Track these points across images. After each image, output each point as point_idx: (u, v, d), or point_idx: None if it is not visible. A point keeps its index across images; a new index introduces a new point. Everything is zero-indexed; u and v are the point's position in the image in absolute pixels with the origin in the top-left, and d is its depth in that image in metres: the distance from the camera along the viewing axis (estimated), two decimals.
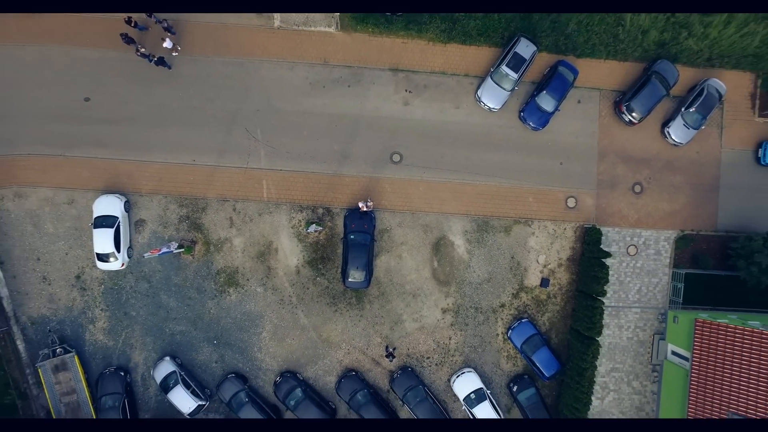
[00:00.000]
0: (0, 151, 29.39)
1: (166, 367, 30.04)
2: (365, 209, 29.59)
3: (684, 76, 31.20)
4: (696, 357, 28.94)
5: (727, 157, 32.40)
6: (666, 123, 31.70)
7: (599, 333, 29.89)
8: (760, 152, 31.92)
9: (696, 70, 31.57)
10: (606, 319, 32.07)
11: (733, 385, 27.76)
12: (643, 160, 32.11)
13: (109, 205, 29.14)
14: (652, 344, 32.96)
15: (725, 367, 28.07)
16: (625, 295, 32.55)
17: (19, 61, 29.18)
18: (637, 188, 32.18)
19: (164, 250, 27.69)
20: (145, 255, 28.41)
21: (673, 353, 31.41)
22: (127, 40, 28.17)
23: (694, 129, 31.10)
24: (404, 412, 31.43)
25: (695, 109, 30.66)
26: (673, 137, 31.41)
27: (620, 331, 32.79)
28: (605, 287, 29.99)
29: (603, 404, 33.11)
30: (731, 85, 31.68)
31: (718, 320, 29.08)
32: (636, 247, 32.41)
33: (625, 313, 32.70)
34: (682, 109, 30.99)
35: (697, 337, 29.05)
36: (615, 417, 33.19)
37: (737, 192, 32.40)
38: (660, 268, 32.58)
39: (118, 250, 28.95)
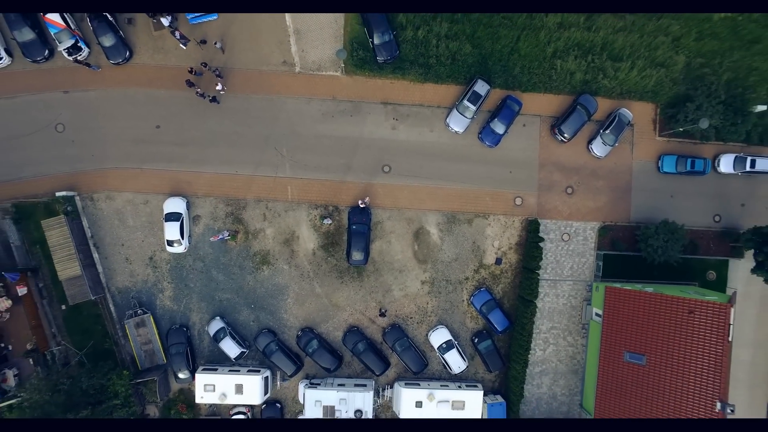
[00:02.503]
0: (96, 166, 39.88)
1: (216, 324, 40.51)
2: (363, 206, 40.09)
3: (602, 106, 41.40)
4: (606, 313, 39.25)
5: (636, 167, 42.68)
6: (590, 141, 41.93)
7: (536, 297, 40.35)
8: (660, 163, 42.28)
9: (611, 101, 41.76)
10: (546, 290, 42.66)
11: (629, 332, 38.08)
12: (573, 169, 42.42)
13: (175, 204, 39.58)
14: (582, 308, 43.22)
15: (625, 320, 38.33)
16: (561, 271, 42.91)
17: (109, 100, 39.59)
18: (569, 190, 42.53)
19: (221, 236, 38.45)
20: (211, 239, 39.12)
21: (596, 314, 41.61)
22: (189, 84, 38.67)
23: (610, 146, 41.39)
24: (393, 358, 41.91)
25: (610, 131, 40.95)
26: (595, 152, 41.75)
27: (557, 298, 43.14)
28: (540, 263, 40.53)
29: (545, 354, 43.47)
30: (638, 112, 42.02)
31: (625, 287, 39.45)
32: (569, 234, 42.80)
33: (561, 284, 43.07)
34: (601, 131, 41.27)
35: (606, 299, 39.34)
36: (554, 363, 43.51)
37: (644, 193, 42.66)
38: (587, 251, 42.91)
39: (182, 237, 39.37)
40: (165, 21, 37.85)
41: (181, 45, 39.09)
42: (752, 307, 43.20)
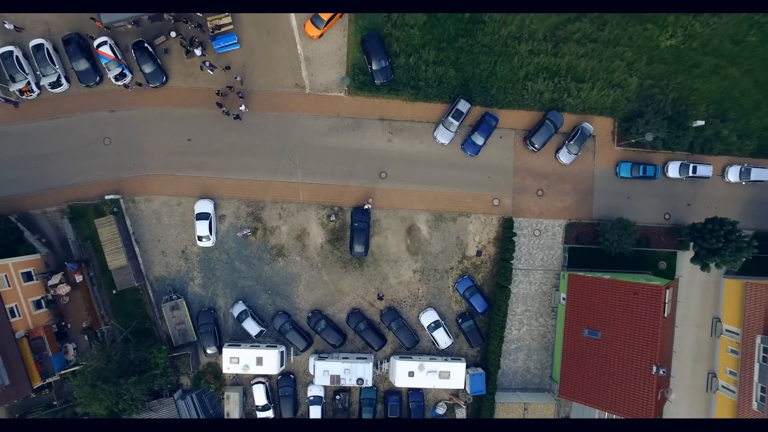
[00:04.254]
0: (137, 173, 46.95)
1: (239, 307, 47.63)
2: (367, 207, 47.13)
3: (567, 120, 48.41)
4: (569, 297, 46.41)
5: (598, 172, 49.74)
6: (557, 150, 48.98)
7: (510, 283, 47.52)
8: (617, 169, 49.37)
9: (575, 116, 48.78)
10: (520, 278, 49.80)
11: (588, 312, 45.19)
12: (543, 174, 49.49)
13: (204, 205, 46.71)
14: (552, 294, 50.36)
15: (585, 302, 45.45)
16: (533, 261, 50.03)
17: (149, 117, 46.69)
18: (540, 192, 49.61)
19: (244, 232, 45.72)
20: (238, 234, 46.37)
21: (563, 299, 48.78)
22: (218, 104, 45.88)
23: (575, 154, 48.44)
24: (389, 336, 49.08)
25: (574, 142, 48.02)
26: (561, 160, 48.82)
27: (530, 285, 50.23)
28: (514, 255, 47.71)
29: (520, 333, 50.57)
30: (598, 126, 49.12)
31: (586, 275, 46.51)
32: (539, 230, 49.89)
33: (534, 273, 50.19)
34: (567, 142, 48.29)
35: (570, 285, 46.51)
36: (528, 341, 50.62)
37: (604, 194, 49.72)
38: (555, 244, 50.01)
39: (211, 233, 46.59)
40: (198, 52, 45.09)
41: (209, 71, 46.21)
42: (696, 292, 50.37)
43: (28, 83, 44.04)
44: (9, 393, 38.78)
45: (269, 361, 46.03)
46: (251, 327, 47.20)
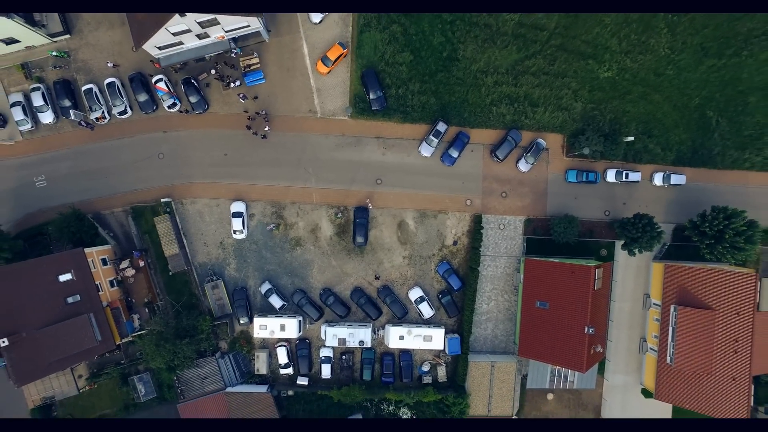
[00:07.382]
0: (185, 181, 59.44)
1: (266, 286, 60.18)
2: (369, 206, 59.59)
3: (525, 137, 60.78)
4: (525, 276, 58.90)
5: (551, 178, 62.09)
6: (517, 161, 61.35)
7: (478, 266, 60.09)
8: (566, 175, 61.74)
9: (531, 133, 61.11)
10: (488, 262, 62.29)
11: (539, 288, 57.68)
12: (506, 180, 61.90)
13: (238, 206, 59.24)
14: (514, 275, 62.84)
15: (537, 279, 57.93)
16: (499, 249, 62.45)
17: (194, 137, 59.25)
18: (504, 194, 62.03)
19: (271, 227, 58.37)
20: (267, 228, 59.02)
21: (522, 279, 61.13)
22: (248, 126, 58.43)
23: (531, 164, 60.83)
24: (384, 308, 61.68)
25: (531, 154, 60.42)
26: (521, 168, 61.20)
27: (497, 268, 62.67)
28: (483, 244, 60.26)
29: (489, 307, 63.06)
30: (550, 141, 61.47)
31: (539, 259, 58.94)
32: (504, 225, 62.32)
33: (499, 259, 62.64)
34: (525, 154, 60.68)
35: (526, 267, 59.01)
36: (495, 313, 63.14)
37: (556, 196, 62.12)
38: (517, 236, 62.43)
39: (243, 228, 59.12)
40: (233, 84, 57.66)
41: (240, 100, 58.71)
42: (631, 274, 62.81)
43: (103, 112, 56.63)
44: (100, 347, 51.61)
45: (290, 327, 58.62)
46: (275, 301, 59.78)
